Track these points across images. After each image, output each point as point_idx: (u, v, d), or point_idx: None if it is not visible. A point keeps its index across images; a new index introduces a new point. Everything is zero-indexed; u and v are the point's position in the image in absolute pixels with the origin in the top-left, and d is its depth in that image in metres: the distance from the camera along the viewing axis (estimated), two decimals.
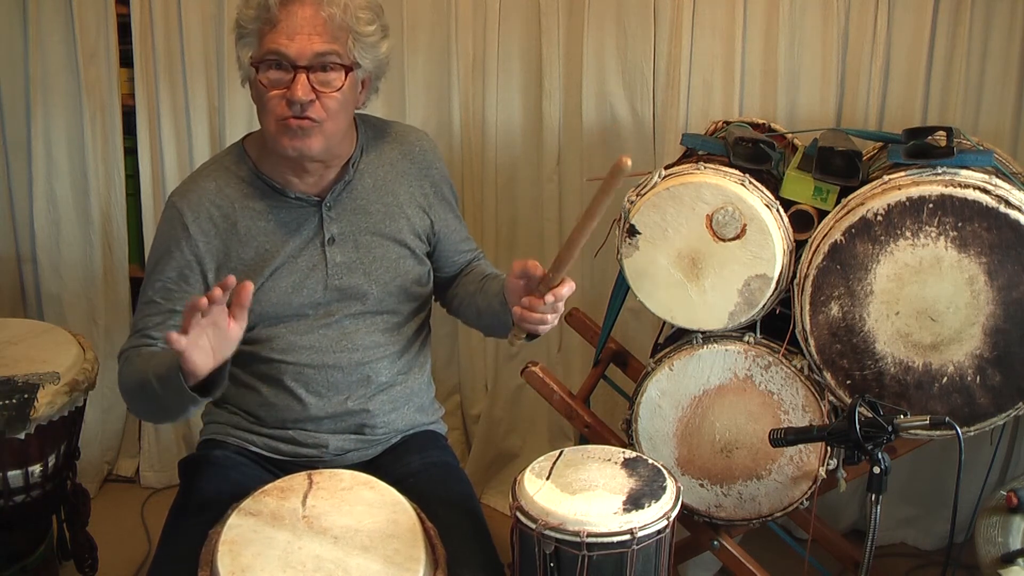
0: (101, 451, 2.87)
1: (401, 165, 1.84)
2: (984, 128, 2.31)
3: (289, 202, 1.76)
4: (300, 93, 1.61)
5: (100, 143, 2.74)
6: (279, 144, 1.67)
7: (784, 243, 1.83)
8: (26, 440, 1.93)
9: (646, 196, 1.85)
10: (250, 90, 1.71)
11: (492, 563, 1.64)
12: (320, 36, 1.62)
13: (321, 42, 1.62)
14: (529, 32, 2.55)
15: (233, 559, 1.46)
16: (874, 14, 2.30)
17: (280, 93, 1.63)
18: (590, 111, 2.53)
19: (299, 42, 1.61)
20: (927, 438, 1.86)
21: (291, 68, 1.62)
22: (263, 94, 1.65)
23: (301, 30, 1.61)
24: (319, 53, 1.62)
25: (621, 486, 1.57)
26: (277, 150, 1.69)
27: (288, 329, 1.77)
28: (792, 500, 1.94)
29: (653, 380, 1.94)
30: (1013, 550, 1.84)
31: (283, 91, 1.63)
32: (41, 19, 2.65)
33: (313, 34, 1.61)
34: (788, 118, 2.40)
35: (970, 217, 1.71)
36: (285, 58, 1.61)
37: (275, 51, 1.61)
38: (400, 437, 1.89)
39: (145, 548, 2.56)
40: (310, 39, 1.61)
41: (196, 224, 1.73)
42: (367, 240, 1.80)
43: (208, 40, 2.65)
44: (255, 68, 1.65)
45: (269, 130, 1.67)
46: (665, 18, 2.43)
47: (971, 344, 1.77)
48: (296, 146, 1.66)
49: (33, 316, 2.84)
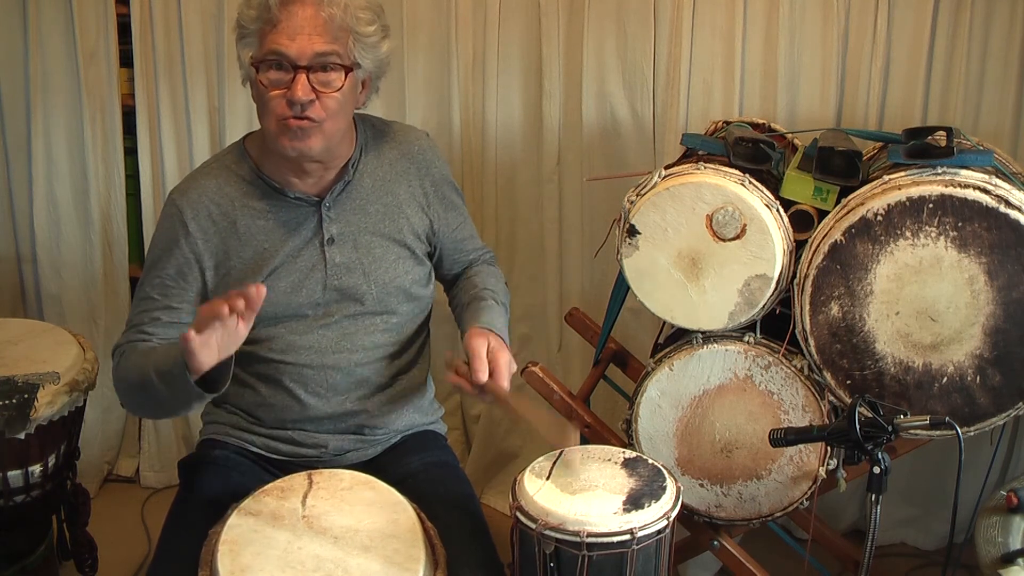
0: (101, 451, 2.87)
1: (400, 165, 1.84)
2: (984, 128, 2.31)
3: (289, 202, 1.76)
4: (300, 93, 1.61)
5: (100, 143, 2.74)
6: (279, 144, 1.67)
7: (784, 243, 1.83)
8: (26, 440, 1.93)
9: (646, 196, 1.85)
10: (251, 89, 1.71)
11: (492, 563, 1.64)
12: (320, 36, 1.62)
13: (322, 42, 1.62)
14: (529, 32, 2.54)
15: (233, 559, 1.46)
16: (874, 14, 2.30)
17: (280, 93, 1.63)
18: (590, 111, 2.53)
19: (299, 42, 1.61)
20: (927, 438, 1.86)
21: (291, 68, 1.62)
22: (263, 94, 1.65)
23: (302, 30, 1.61)
24: (319, 53, 1.62)
25: (621, 486, 1.57)
26: (277, 150, 1.69)
27: (287, 329, 1.77)
28: (792, 500, 1.94)
29: (653, 380, 1.94)
30: (1013, 550, 1.84)
31: (283, 91, 1.63)
32: (41, 19, 2.65)
33: (314, 34, 1.61)
34: (788, 118, 2.40)
35: (970, 217, 1.71)
36: (285, 58, 1.61)
37: (275, 51, 1.62)
38: (400, 437, 1.89)
39: (145, 548, 2.56)
40: (310, 39, 1.61)
41: (196, 222, 1.73)
42: (366, 240, 1.79)
43: (208, 40, 2.65)
44: (255, 68, 1.65)
45: (269, 130, 1.67)
46: (665, 18, 2.43)
47: (971, 344, 1.77)
48: (296, 146, 1.66)
49: (33, 316, 2.84)
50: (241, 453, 1.83)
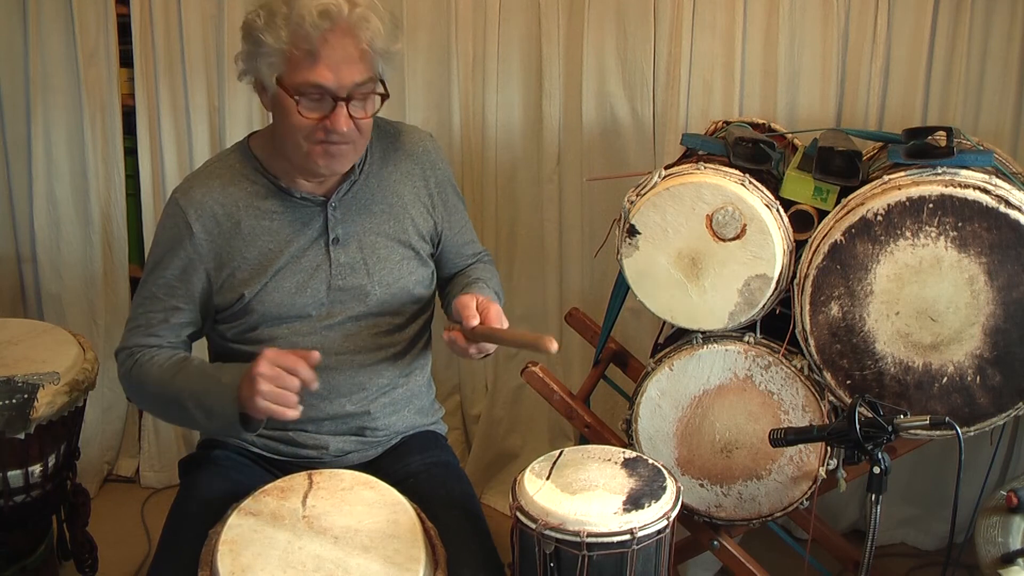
0: (101, 451, 2.87)
1: (405, 166, 1.84)
2: (984, 128, 2.31)
3: (295, 202, 1.75)
4: (343, 126, 1.62)
5: (100, 143, 2.74)
6: (311, 162, 1.68)
7: (784, 243, 1.83)
8: (26, 440, 1.93)
9: (646, 196, 1.84)
10: (259, 92, 1.69)
11: (492, 563, 1.64)
12: (358, 66, 1.62)
13: (359, 72, 1.62)
14: (529, 32, 2.55)
15: (233, 559, 1.46)
16: (874, 14, 2.30)
17: (317, 118, 1.63)
18: (590, 111, 2.53)
19: (340, 75, 1.60)
20: (927, 438, 1.86)
21: (331, 99, 1.62)
22: (296, 117, 1.63)
23: (342, 62, 1.60)
24: (358, 83, 1.63)
25: (621, 486, 1.57)
26: (307, 166, 1.70)
27: (291, 330, 1.77)
28: (792, 500, 1.94)
29: (653, 380, 1.94)
30: (1013, 550, 1.83)
31: (319, 116, 1.63)
32: (41, 19, 2.65)
33: (352, 64, 1.61)
34: (788, 118, 2.40)
35: (970, 217, 1.71)
36: (327, 91, 1.61)
37: (317, 85, 1.60)
38: (400, 438, 1.89)
39: (145, 548, 2.56)
40: (350, 71, 1.61)
41: (200, 223, 1.73)
42: (371, 241, 1.79)
43: (208, 40, 2.65)
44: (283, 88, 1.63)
45: (299, 146, 1.66)
46: (665, 18, 2.43)
47: (971, 344, 1.77)
48: (331, 166, 1.69)
49: (33, 316, 2.84)
50: (241, 453, 1.83)
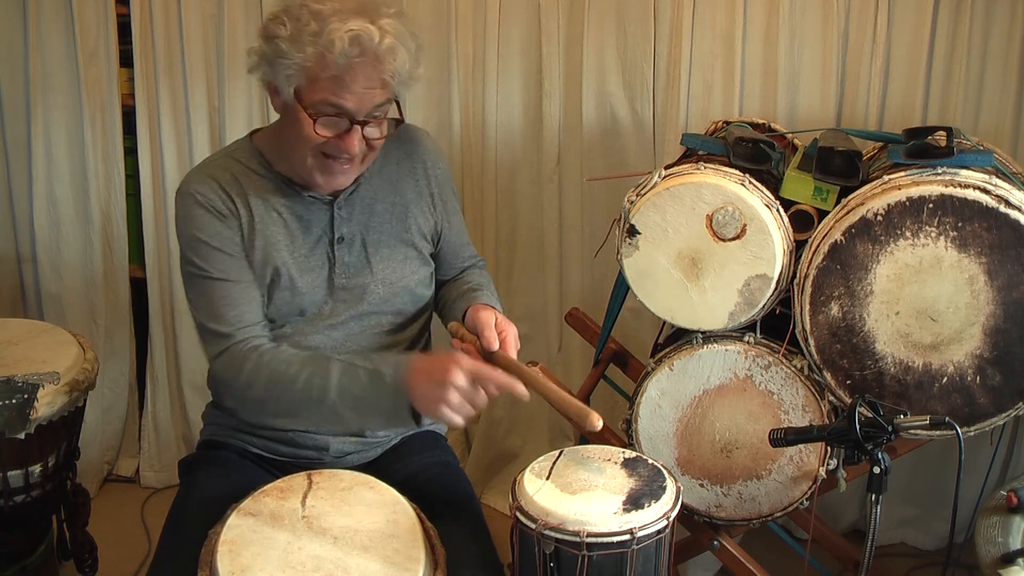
0: (101, 451, 2.87)
1: (407, 165, 1.84)
2: (984, 128, 2.31)
3: (303, 199, 1.75)
4: (355, 148, 1.63)
5: (100, 143, 2.74)
6: (312, 179, 1.68)
7: (784, 243, 1.83)
8: (26, 440, 1.93)
9: (646, 196, 1.84)
10: (270, 93, 1.68)
11: (492, 563, 1.64)
12: (379, 90, 1.62)
13: (379, 95, 1.63)
14: (529, 32, 2.55)
15: (233, 559, 1.46)
16: (874, 14, 2.30)
17: (329, 135, 1.63)
18: (590, 111, 2.53)
19: (361, 99, 1.61)
20: (927, 438, 1.86)
21: (348, 121, 1.62)
22: (308, 131, 1.62)
23: (364, 87, 1.61)
24: (377, 105, 1.63)
25: (621, 486, 1.57)
26: (306, 177, 1.70)
27: (293, 329, 1.76)
28: (792, 500, 1.94)
29: (653, 380, 1.94)
30: (1013, 550, 1.84)
31: (332, 133, 1.63)
32: (41, 19, 2.65)
33: (374, 89, 1.62)
34: (788, 118, 2.40)
35: (970, 217, 1.71)
36: (344, 112, 1.61)
37: (336, 105, 1.61)
38: (400, 438, 1.89)
39: (145, 548, 2.57)
40: (371, 95, 1.61)
41: (220, 202, 1.70)
42: (375, 240, 1.79)
43: (208, 40, 2.65)
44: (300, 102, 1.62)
45: (304, 159, 1.66)
46: (665, 18, 2.43)
47: (971, 344, 1.77)
48: (331, 183, 1.70)
49: (33, 316, 2.84)
50: (241, 453, 1.83)
